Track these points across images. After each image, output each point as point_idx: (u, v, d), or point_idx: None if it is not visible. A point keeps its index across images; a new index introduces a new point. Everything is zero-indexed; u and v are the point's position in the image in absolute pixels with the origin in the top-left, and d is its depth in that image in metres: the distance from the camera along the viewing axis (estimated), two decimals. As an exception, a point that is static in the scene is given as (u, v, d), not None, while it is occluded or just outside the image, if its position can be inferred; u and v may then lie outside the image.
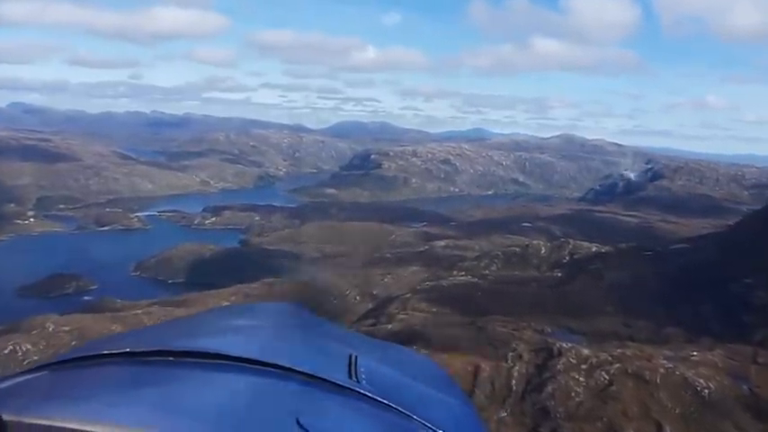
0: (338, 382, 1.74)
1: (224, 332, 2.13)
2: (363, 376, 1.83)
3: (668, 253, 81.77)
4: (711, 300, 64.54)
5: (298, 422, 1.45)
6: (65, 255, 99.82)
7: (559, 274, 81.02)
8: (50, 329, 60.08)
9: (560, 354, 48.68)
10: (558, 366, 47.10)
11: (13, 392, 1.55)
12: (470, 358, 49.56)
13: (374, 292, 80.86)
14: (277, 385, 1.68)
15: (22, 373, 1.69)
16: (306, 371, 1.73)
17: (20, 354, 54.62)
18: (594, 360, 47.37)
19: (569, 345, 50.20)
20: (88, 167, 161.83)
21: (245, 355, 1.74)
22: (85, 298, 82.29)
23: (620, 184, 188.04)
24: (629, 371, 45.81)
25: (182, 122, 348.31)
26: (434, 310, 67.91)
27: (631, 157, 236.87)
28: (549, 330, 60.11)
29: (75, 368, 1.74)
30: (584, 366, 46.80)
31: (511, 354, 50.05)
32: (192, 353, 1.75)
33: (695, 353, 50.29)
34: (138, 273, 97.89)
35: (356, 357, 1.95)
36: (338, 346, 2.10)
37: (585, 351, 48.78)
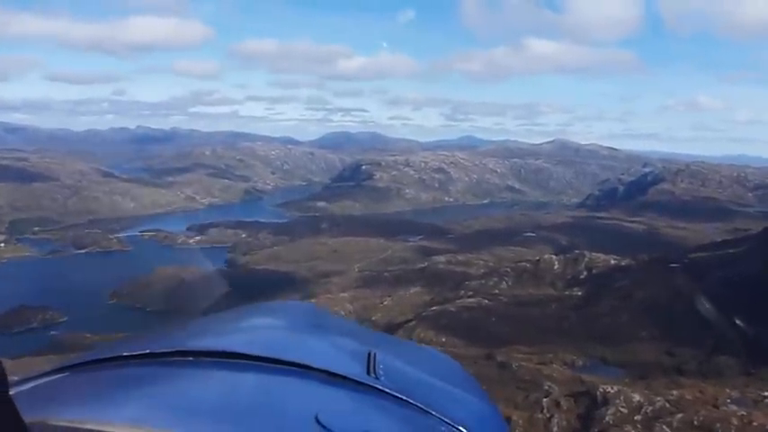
0: (357, 378, 1.76)
1: (242, 331, 2.17)
2: (382, 373, 1.85)
3: (698, 264, 73.73)
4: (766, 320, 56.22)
5: (317, 419, 1.46)
6: (35, 283, 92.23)
7: (580, 293, 73.25)
8: None
9: (606, 401, 40.58)
10: (607, 418, 38.97)
11: (35, 394, 1.57)
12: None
13: (373, 318, 72.42)
14: (296, 383, 1.70)
15: (43, 374, 1.72)
16: (324, 368, 1.75)
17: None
18: (650, 409, 39.21)
19: (615, 389, 41.96)
20: (66, 187, 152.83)
21: (263, 354, 1.76)
22: (52, 333, 73.83)
23: (620, 188, 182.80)
24: (696, 422, 37.47)
25: (167, 137, 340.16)
26: (444, 339, 59.95)
27: (626, 161, 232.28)
28: (581, 363, 52.49)
29: (95, 370, 1.77)
30: (638, 417, 38.69)
31: (545, 400, 41.99)
32: (211, 352, 1.78)
33: (767, 393, 42.22)
34: (114, 300, 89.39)
35: (374, 354, 1.97)
36: (356, 344, 2.11)
37: (636, 397, 40.57)
